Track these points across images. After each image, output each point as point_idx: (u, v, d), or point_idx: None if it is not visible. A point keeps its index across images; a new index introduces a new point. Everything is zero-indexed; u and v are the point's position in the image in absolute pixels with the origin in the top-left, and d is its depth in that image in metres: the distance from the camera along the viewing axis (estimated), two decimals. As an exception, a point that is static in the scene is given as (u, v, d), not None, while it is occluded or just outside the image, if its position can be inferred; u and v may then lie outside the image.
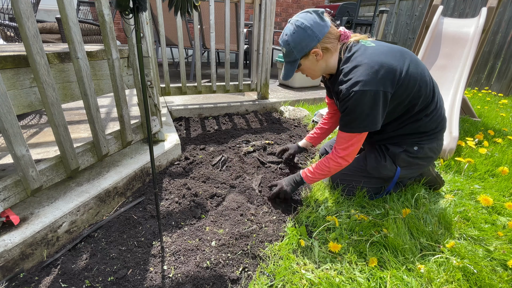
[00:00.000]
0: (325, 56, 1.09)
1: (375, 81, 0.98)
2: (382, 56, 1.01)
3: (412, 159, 1.20)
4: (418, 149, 1.18)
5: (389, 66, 1.00)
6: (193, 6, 0.85)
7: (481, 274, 0.94)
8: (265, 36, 2.43)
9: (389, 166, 1.23)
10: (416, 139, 1.18)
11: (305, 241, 1.06)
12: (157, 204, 0.96)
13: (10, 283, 0.86)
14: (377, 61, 1.00)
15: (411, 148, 1.18)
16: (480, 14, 2.40)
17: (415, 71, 1.05)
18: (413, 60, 1.07)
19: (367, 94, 0.98)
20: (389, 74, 0.99)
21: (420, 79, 1.05)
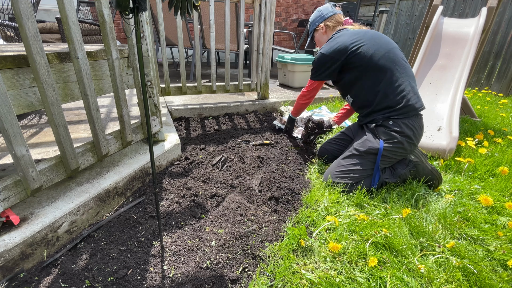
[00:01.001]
0: (327, 31, 1.62)
1: (325, 49, 1.48)
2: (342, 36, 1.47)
3: (390, 131, 1.35)
4: (393, 123, 1.36)
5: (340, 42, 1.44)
6: (193, 6, 0.85)
7: (481, 274, 0.94)
8: (265, 36, 2.43)
9: (371, 138, 1.40)
10: (386, 114, 1.38)
11: (305, 241, 1.06)
12: (157, 204, 0.96)
13: (10, 283, 0.86)
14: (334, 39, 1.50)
15: (386, 123, 1.38)
16: (480, 14, 2.40)
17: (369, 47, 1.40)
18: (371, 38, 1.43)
19: (320, 55, 1.50)
20: (338, 47, 1.44)
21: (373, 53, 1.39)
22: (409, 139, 1.36)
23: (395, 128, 1.35)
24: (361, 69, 1.41)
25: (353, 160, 1.41)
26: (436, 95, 2.28)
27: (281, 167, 1.64)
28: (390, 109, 1.37)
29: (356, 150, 1.42)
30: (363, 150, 1.39)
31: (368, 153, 1.38)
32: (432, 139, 1.94)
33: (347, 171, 1.40)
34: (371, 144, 1.38)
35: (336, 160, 1.51)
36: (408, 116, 1.36)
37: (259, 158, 1.70)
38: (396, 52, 1.42)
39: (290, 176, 1.55)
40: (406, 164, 1.45)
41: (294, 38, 4.80)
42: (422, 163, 1.44)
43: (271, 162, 1.69)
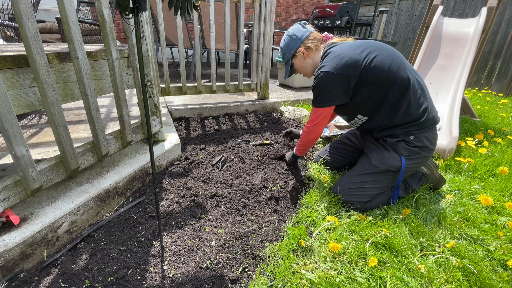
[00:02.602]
0: (310, 53, 1.38)
1: (331, 67, 1.21)
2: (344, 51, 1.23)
3: (412, 147, 1.24)
4: (414, 138, 1.24)
5: (347, 56, 1.21)
6: (193, 6, 0.85)
7: (481, 274, 0.94)
8: (265, 36, 2.43)
9: (392, 155, 1.26)
10: (407, 129, 1.25)
11: (305, 241, 1.06)
12: (157, 204, 0.96)
13: (10, 283, 0.86)
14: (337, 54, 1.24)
15: (408, 138, 1.25)
16: (480, 14, 2.40)
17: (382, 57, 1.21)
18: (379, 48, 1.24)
19: (325, 76, 1.23)
20: (347, 61, 1.20)
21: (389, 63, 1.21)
22: (429, 153, 1.28)
23: (418, 144, 1.24)
24: (379, 85, 1.21)
25: (370, 177, 1.29)
26: (436, 95, 2.28)
27: (281, 167, 1.64)
28: (412, 124, 1.24)
29: (375, 168, 1.28)
30: (383, 168, 1.26)
31: (388, 171, 1.27)
32: (432, 139, 1.94)
33: (362, 188, 1.28)
34: (392, 162, 1.25)
35: (348, 174, 1.38)
36: (429, 129, 1.26)
37: (259, 158, 1.70)
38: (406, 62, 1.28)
39: (290, 176, 1.55)
40: (419, 178, 1.41)
41: (294, 38, 4.79)
42: (433, 173, 1.40)
43: (271, 161, 1.69)
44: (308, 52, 1.37)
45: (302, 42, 1.36)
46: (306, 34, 1.36)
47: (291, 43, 1.37)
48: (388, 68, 1.20)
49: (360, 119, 1.34)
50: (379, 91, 1.22)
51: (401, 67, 1.22)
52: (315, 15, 5.09)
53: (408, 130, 1.25)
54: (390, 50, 1.26)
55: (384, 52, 1.23)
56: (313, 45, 1.36)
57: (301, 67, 1.43)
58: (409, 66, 1.26)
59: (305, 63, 1.40)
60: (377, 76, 1.20)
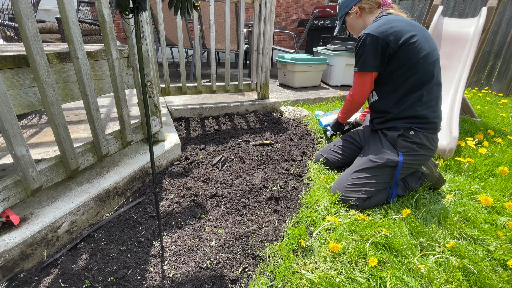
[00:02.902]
0: (363, 15, 1.40)
1: (378, 31, 1.23)
2: (396, 21, 1.25)
3: (410, 144, 1.26)
4: (414, 133, 1.26)
5: (398, 27, 1.22)
6: (193, 6, 0.85)
7: (481, 274, 0.94)
8: (265, 36, 2.43)
9: (390, 150, 1.28)
10: (409, 124, 1.27)
11: (305, 241, 1.06)
12: (157, 204, 0.96)
13: (10, 283, 0.86)
14: (389, 21, 1.25)
15: (407, 133, 1.27)
16: (480, 14, 2.40)
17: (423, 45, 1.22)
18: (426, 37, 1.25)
19: (368, 38, 1.24)
20: (394, 31, 1.21)
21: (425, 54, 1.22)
22: (428, 152, 1.29)
23: (416, 140, 1.25)
24: (406, 67, 1.23)
25: (368, 173, 1.29)
26: (436, 95, 2.28)
27: (281, 167, 1.64)
28: (414, 119, 1.26)
29: (372, 162, 1.29)
30: (381, 162, 1.27)
31: (386, 166, 1.27)
32: (432, 139, 1.94)
33: (360, 184, 1.28)
34: (389, 157, 1.26)
35: (346, 171, 1.38)
36: (430, 130, 1.28)
37: (259, 158, 1.70)
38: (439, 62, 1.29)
39: (290, 176, 1.55)
40: (419, 178, 1.40)
41: (294, 38, 4.80)
42: (432, 172, 1.40)
43: (271, 162, 1.69)
44: (362, 13, 1.39)
45: (359, 1, 1.38)
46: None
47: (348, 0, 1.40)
48: (423, 57, 1.22)
49: (372, 96, 1.40)
50: (403, 73, 1.25)
51: (432, 63, 1.24)
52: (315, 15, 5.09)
53: (409, 125, 1.27)
54: (434, 44, 1.28)
55: (428, 42, 1.25)
56: (368, 7, 1.38)
57: (352, 27, 1.47)
58: (439, 67, 1.29)
59: (357, 23, 1.43)
60: (409, 59, 1.22)
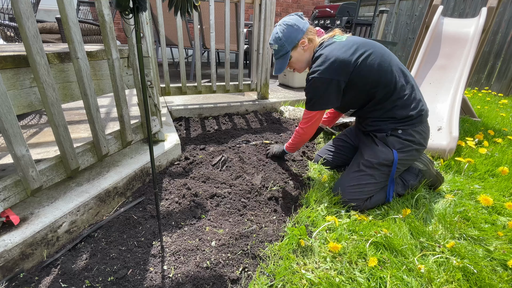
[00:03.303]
0: (310, 46, 1.33)
1: (327, 70, 1.21)
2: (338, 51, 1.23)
3: (403, 140, 1.27)
4: (403, 132, 1.26)
5: (342, 59, 1.20)
6: (193, 6, 0.85)
7: (481, 274, 0.94)
8: (265, 36, 2.43)
9: (384, 149, 1.28)
10: (394, 124, 1.28)
11: (305, 241, 1.06)
12: (157, 204, 0.96)
13: (10, 283, 0.86)
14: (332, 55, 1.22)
15: (395, 132, 1.27)
16: (480, 14, 2.40)
17: (373, 62, 1.22)
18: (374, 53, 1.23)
19: (319, 81, 1.24)
20: (342, 65, 1.20)
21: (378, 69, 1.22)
22: (421, 146, 1.30)
23: (407, 137, 1.26)
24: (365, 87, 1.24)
25: (365, 173, 1.29)
26: (436, 95, 2.28)
27: (281, 167, 1.64)
28: (398, 121, 1.27)
29: (369, 162, 1.30)
30: (376, 162, 1.28)
31: (382, 165, 1.28)
32: (432, 139, 1.94)
33: (360, 185, 1.28)
34: (384, 156, 1.27)
35: (345, 173, 1.39)
36: (418, 124, 1.28)
37: (258, 158, 1.70)
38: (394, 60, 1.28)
39: (290, 176, 1.55)
40: (416, 175, 1.40)
41: (294, 38, 4.79)
42: (429, 169, 1.41)
43: (271, 161, 1.69)
44: (309, 45, 1.32)
45: (305, 33, 1.29)
46: (306, 25, 1.30)
47: (293, 33, 1.28)
48: (377, 70, 1.22)
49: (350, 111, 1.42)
50: (365, 92, 1.26)
51: (388, 69, 1.23)
52: (315, 15, 5.09)
53: (394, 126, 1.28)
54: (380, 49, 1.26)
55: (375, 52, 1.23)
56: (313, 38, 1.32)
57: (298, 61, 1.37)
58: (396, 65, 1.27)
59: (304, 56, 1.35)
60: (365, 79, 1.22)
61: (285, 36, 1.28)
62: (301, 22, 1.29)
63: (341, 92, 1.26)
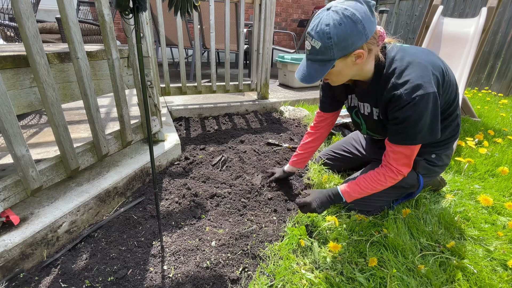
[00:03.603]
0: (367, 59, 0.93)
1: (430, 82, 0.87)
2: (427, 56, 0.94)
3: (432, 166, 1.18)
4: (436, 157, 1.16)
5: (437, 65, 0.93)
6: (193, 6, 0.85)
7: (481, 274, 0.94)
8: (265, 36, 2.43)
9: (410, 173, 1.14)
10: (433, 148, 1.15)
11: (305, 241, 1.06)
12: (157, 204, 0.96)
13: (10, 283, 0.86)
14: (426, 60, 0.91)
15: (429, 156, 1.16)
16: (480, 14, 2.40)
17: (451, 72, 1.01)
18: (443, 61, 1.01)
19: (430, 98, 0.86)
20: (438, 73, 0.91)
21: (454, 81, 1.02)
22: (443, 169, 1.22)
23: (438, 163, 1.17)
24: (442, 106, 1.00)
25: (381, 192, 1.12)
26: (436, 95, 2.28)
27: (281, 166, 1.64)
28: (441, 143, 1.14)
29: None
30: (398, 185, 1.14)
31: (402, 188, 1.20)
32: (432, 139, 1.94)
33: (370, 200, 1.20)
34: (409, 181, 1.17)
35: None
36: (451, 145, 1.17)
37: (258, 158, 1.70)
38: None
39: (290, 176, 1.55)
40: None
41: (294, 38, 4.80)
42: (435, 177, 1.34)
43: (271, 161, 1.69)
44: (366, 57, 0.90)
45: (368, 39, 0.85)
46: (373, 28, 0.85)
47: (354, 36, 0.82)
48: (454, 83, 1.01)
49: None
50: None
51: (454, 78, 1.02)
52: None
53: (433, 150, 1.15)
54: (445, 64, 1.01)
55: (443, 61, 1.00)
56: (374, 48, 0.92)
57: (339, 74, 0.95)
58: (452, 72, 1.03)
59: (350, 70, 0.94)
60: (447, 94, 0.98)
61: (339, 36, 0.82)
62: (369, 22, 0.83)
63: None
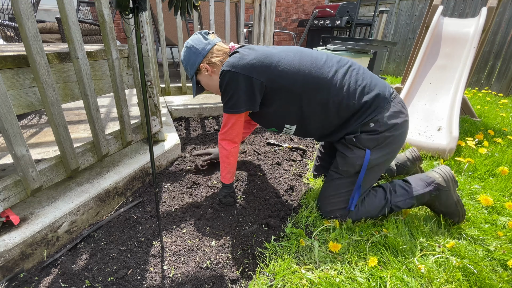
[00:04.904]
0: (216, 70, 1.15)
1: (237, 65, 1.04)
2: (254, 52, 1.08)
3: (377, 135, 1.07)
4: (374, 124, 1.06)
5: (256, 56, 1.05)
6: (193, 6, 0.85)
7: (481, 274, 0.94)
8: (265, 36, 2.43)
9: (357, 153, 1.09)
10: (358, 120, 1.08)
11: (305, 241, 1.06)
12: (157, 204, 0.96)
13: (10, 283, 0.86)
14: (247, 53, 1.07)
15: (367, 127, 1.07)
16: (480, 14, 2.40)
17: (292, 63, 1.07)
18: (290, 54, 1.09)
19: (228, 75, 1.04)
20: (256, 62, 1.04)
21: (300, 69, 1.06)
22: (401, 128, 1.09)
23: (382, 128, 1.06)
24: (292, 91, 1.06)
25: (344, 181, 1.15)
26: (436, 95, 2.28)
27: (281, 166, 1.64)
28: (359, 113, 1.07)
29: (345, 172, 1.14)
30: (353, 171, 1.12)
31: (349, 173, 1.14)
32: (432, 139, 1.94)
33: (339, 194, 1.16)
34: (358, 162, 1.10)
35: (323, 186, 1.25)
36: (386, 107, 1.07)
37: (258, 158, 1.70)
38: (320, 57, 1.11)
39: (290, 176, 1.55)
40: (426, 182, 1.16)
41: (294, 38, 4.80)
42: (449, 190, 1.13)
43: (270, 161, 1.69)
44: (214, 69, 1.15)
45: (205, 56, 1.13)
46: (208, 47, 1.13)
47: (192, 57, 1.13)
48: (299, 70, 1.06)
49: (289, 128, 1.19)
50: (294, 97, 1.08)
51: (313, 65, 1.07)
52: (315, 15, 5.09)
53: (361, 121, 1.07)
54: (298, 50, 1.12)
55: (292, 53, 1.09)
56: (218, 60, 1.14)
57: (208, 85, 1.21)
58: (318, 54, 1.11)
59: (212, 80, 1.18)
60: (288, 81, 1.05)
61: (185, 60, 1.16)
62: (200, 43, 1.13)
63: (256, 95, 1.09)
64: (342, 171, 1.15)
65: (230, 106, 1.08)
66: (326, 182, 1.24)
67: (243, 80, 1.04)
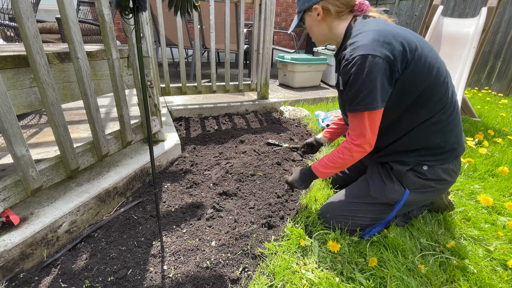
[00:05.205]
0: (327, 18, 1.00)
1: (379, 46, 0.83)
2: (396, 28, 0.89)
3: (423, 180, 0.99)
4: (429, 169, 0.98)
5: (403, 36, 0.86)
6: (193, 6, 0.85)
7: (481, 274, 0.94)
8: (265, 36, 2.43)
9: (395, 188, 1.02)
10: (420, 157, 0.99)
11: (305, 241, 1.06)
12: (157, 204, 0.96)
13: (10, 283, 0.86)
14: (388, 30, 0.87)
15: (420, 168, 0.99)
16: (480, 14, 2.40)
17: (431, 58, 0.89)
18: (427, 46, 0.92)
19: (371, 61, 0.83)
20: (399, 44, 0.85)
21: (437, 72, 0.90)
22: (447, 185, 1.03)
23: (431, 177, 0.98)
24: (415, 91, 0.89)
25: (366, 207, 1.08)
26: (436, 95, 2.28)
27: (281, 167, 1.64)
28: (429, 151, 0.98)
29: (373, 199, 1.07)
30: (382, 201, 1.06)
31: (388, 204, 1.06)
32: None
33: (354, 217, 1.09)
34: (394, 196, 1.02)
35: (339, 197, 1.15)
36: (448, 160, 0.99)
37: (258, 157, 1.70)
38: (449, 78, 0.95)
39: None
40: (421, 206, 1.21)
41: (294, 38, 4.80)
42: (441, 199, 1.20)
43: (270, 161, 1.69)
44: (325, 16, 0.99)
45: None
46: None
47: None
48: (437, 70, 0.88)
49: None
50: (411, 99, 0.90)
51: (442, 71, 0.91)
52: (315, 15, 5.07)
53: (422, 159, 0.98)
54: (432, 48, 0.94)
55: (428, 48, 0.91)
56: (334, 9, 0.97)
57: (311, 29, 1.07)
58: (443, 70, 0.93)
59: (318, 27, 1.03)
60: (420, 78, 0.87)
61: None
62: None
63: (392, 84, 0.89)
64: (370, 196, 1.07)
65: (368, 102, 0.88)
66: (346, 201, 1.13)
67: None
